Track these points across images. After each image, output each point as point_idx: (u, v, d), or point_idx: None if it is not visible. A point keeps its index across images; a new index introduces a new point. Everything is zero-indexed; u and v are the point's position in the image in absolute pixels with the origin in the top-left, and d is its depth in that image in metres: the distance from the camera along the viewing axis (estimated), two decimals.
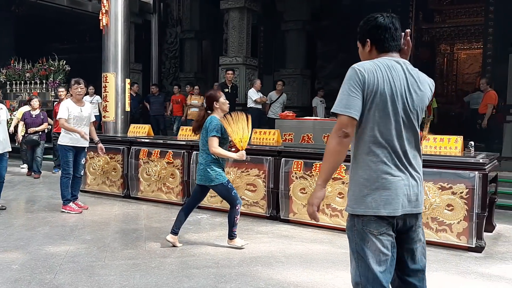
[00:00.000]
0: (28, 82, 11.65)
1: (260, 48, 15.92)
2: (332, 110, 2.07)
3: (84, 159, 6.05)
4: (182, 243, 4.57)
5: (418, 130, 2.10)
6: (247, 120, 4.22)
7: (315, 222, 5.11)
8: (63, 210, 5.80)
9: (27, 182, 8.16)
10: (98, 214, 5.82)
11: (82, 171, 6.12)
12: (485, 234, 4.56)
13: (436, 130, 7.04)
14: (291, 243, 4.66)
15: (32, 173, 8.74)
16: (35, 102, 8.96)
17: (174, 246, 4.42)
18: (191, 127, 7.51)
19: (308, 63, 13.80)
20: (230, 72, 10.18)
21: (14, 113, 10.30)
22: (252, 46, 11.65)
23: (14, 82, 11.44)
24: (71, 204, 5.85)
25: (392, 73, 2.05)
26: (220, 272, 3.79)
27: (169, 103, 12.94)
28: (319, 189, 2.08)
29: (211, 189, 4.45)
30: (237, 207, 4.34)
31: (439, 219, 4.50)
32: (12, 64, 12.07)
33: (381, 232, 2.02)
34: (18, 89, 11.33)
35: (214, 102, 4.34)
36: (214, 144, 4.18)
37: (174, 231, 4.45)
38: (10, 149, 5.98)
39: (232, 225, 4.40)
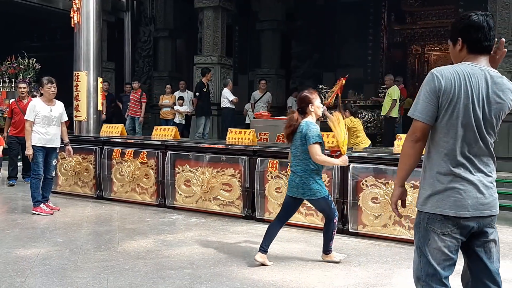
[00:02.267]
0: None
1: (235, 47, 15.90)
2: (408, 114, 2.15)
3: (55, 160, 5.92)
4: (156, 244, 4.53)
5: (494, 137, 2.11)
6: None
7: (290, 221, 5.15)
8: (34, 212, 5.65)
9: None
10: (70, 215, 5.70)
11: (54, 172, 5.98)
12: None
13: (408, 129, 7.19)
14: None
15: None
16: None
17: (263, 265, 3.94)
18: (166, 127, 7.52)
19: (283, 63, 13.87)
20: (209, 73, 10.29)
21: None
22: (227, 46, 11.62)
23: None
24: (42, 205, 5.71)
25: (471, 80, 2.04)
26: (195, 272, 3.77)
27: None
28: (395, 188, 2.23)
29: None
30: (334, 220, 3.97)
31: (411, 216, 4.59)
32: None
33: (445, 232, 2.06)
34: None
35: (309, 105, 3.89)
36: (318, 152, 3.74)
37: (264, 249, 3.97)
38: None
39: (329, 239, 4.04)
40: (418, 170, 2.25)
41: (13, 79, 11.10)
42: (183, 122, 11.59)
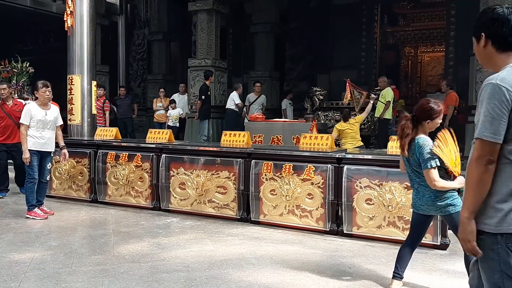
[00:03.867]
0: None
1: (229, 50, 15.94)
2: (476, 136, 1.85)
3: (50, 163, 5.90)
4: (151, 247, 4.53)
5: None
6: (453, 136, 3.24)
7: (285, 223, 5.20)
8: (28, 216, 5.63)
9: None
10: (65, 219, 5.68)
11: (48, 176, 5.96)
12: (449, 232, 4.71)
13: None
14: (262, 244, 4.68)
15: None
16: None
17: None
18: (160, 130, 7.52)
19: (277, 65, 13.92)
20: (212, 77, 10.33)
21: None
22: (221, 48, 11.67)
23: None
24: (36, 209, 5.69)
25: None
26: (190, 275, 3.77)
27: (137, 105, 12.82)
28: (468, 223, 1.89)
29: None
30: None
31: (405, 217, 4.61)
32: None
33: None
34: None
35: (428, 121, 3.33)
36: (436, 178, 3.20)
37: (399, 275, 3.48)
38: None
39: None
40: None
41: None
42: (177, 125, 11.60)
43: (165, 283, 3.60)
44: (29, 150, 5.56)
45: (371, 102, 8.19)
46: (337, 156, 5.09)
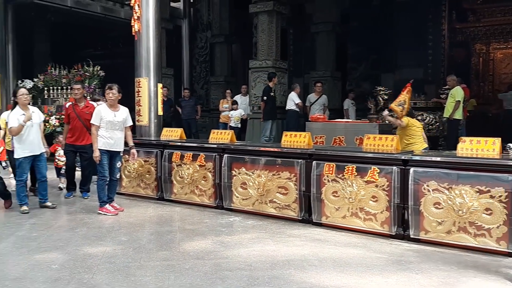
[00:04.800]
0: (64, 87, 11.99)
1: (289, 50, 15.93)
2: None
3: (119, 162, 6.19)
4: (215, 245, 4.62)
5: None
6: None
7: (348, 226, 5.11)
8: (100, 212, 5.95)
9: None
10: (134, 216, 5.93)
11: (118, 174, 6.25)
12: None
13: (473, 132, 6.87)
14: (324, 246, 4.63)
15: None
16: None
17: None
18: (222, 130, 7.65)
19: (339, 65, 13.72)
20: (275, 79, 10.42)
21: (52, 117, 10.63)
22: (281, 49, 11.68)
23: (51, 87, 11.79)
24: (107, 206, 5.99)
25: None
26: (253, 274, 3.81)
27: (200, 106, 13.14)
28: None
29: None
30: None
31: (477, 223, 4.38)
32: (49, 70, 12.46)
33: None
34: (55, 95, 11.67)
35: None
36: None
37: None
38: (44, 150, 6.22)
39: None
40: (479, 174, 2.12)
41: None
42: (239, 126, 11.76)
43: (228, 281, 3.65)
44: (99, 149, 5.86)
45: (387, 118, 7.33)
46: (403, 157, 4.92)
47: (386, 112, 6.73)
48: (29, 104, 6.19)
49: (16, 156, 6.02)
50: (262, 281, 3.67)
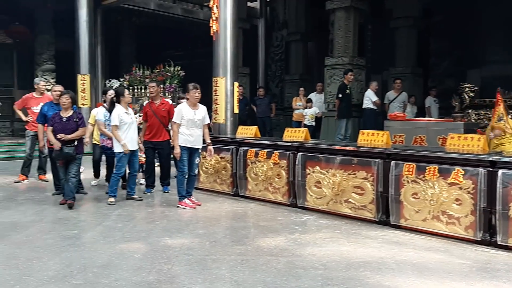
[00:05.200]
0: (147, 87, 12.63)
1: (367, 47, 15.51)
2: None
3: (198, 159, 6.39)
4: (288, 242, 4.62)
5: None
6: None
7: (429, 229, 4.88)
8: (179, 205, 6.19)
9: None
10: (210, 210, 6.11)
11: (196, 170, 6.45)
12: None
13: None
14: (402, 249, 4.46)
15: (66, 201, 6.11)
16: (64, 99, 6.18)
17: None
18: (296, 129, 7.63)
19: (420, 61, 13.12)
20: (351, 73, 10.09)
21: (136, 115, 11.20)
22: (359, 46, 11.40)
23: (135, 87, 12.47)
24: (186, 200, 6.22)
25: None
26: (327, 274, 3.76)
27: (275, 105, 13.22)
28: None
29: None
30: None
31: None
32: (133, 71, 13.19)
33: None
34: (139, 94, 12.33)
35: None
36: None
37: None
38: (137, 147, 6.60)
39: None
40: None
41: (161, 86, 12.29)
42: (314, 124, 11.66)
43: (302, 279, 3.64)
44: (179, 146, 6.09)
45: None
46: (490, 159, 4.60)
47: (491, 134, 6.29)
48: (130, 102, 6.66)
49: (117, 150, 6.41)
50: (336, 281, 3.61)
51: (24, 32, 15.36)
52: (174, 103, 8.22)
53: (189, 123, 6.10)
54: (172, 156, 6.71)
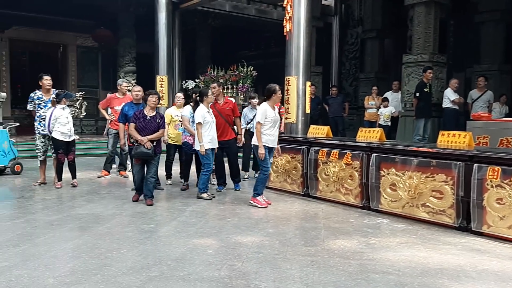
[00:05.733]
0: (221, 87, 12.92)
1: (449, 43, 14.72)
2: None
3: (272, 158, 6.42)
4: (360, 245, 4.50)
5: None
6: None
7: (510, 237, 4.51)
8: (252, 202, 6.23)
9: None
10: (280, 210, 6.11)
11: (270, 169, 6.43)
12: None
13: None
14: (484, 258, 4.17)
15: (145, 200, 6.31)
16: (155, 98, 6.31)
17: None
18: (371, 129, 7.41)
19: (508, 57, 12.22)
20: (430, 71, 9.62)
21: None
22: (439, 42, 10.82)
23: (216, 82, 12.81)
24: (259, 198, 6.23)
25: None
26: (401, 280, 3.61)
27: (348, 104, 12.94)
28: None
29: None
30: None
31: None
32: (208, 72, 13.56)
33: None
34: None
35: None
36: None
37: None
38: (216, 145, 6.76)
39: None
40: None
41: (234, 86, 12.52)
42: (389, 124, 11.28)
43: (374, 284, 3.53)
44: (264, 146, 6.04)
45: None
46: None
47: None
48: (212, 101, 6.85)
49: (197, 148, 6.59)
50: (411, 287, 3.46)
51: (108, 36, 16.37)
52: (255, 101, 8.31)
53: (272, 123, 6.08)
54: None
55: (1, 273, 3.59)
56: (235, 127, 7.53)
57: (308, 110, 9.19)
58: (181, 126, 7.48)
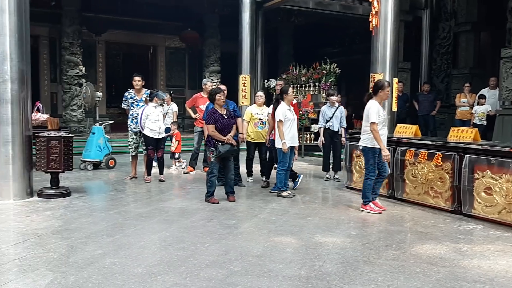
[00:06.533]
0: (303, 85, 12.87)
1: None
2: None
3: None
4: (450, 252, 4.22)
5: None
6: None
7: None
8: (363, 209, 5.82)
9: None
10: (364, 211, 5.92)
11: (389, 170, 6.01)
12: None
13: None
14: None
15: (228, 196, 6.38)
16: (223, 96, 6.43)
17: None
18: (464, 128, 6.93)
19: None
20: None
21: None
22: None
23: (291, 85, 12.81)
24: (371, 204, 5.83)
25: None
26: None
27: (440, 102, 12.24)
28: None
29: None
30: None
31: None
32: (290, 70, 13.57)
33: None
34: (294, 92, 12.63)
35: None
36: None
37: None
38: (297, 144, 6.74)
39: None
40: None
41: (316, 84, 12.40)
42: (485, 123, 10.50)
43: None
44: (373, 148, 5.64)
45: None
46: None
47: None
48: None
49: (278, 146, 6.64)
50: None
51: (195, 37, 17.00)
52: (334, 98, 8.15)
53: (383, 123, 5.71)
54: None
55: (96, 260, 3.86)
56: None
57: (394, 108, 8.83)
58: (260, 124, 7.54)
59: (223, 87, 7.43)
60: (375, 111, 5.57)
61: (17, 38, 6.07)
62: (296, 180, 7.34)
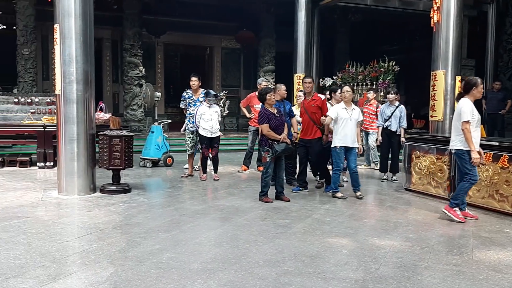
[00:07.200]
0: (360, 83, 12.61)
1: None
2: None
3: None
4: (500, 258, 3.98)
5: None
6: None
7: None
8: (445, 211, 5.42)
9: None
10: (423, 214, 5.71)
11: None
12: None
13: None
14: None
15: (281, 197, 6.38)
16: (273, 97, 6.42)
17: None
18: None
19: None
20: None
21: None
22: None
23: (347, 84, 12.58)
24: (456, 209, 5.40)
25: None
26: None
27: (510, 101, 11.58)
28: None
29: None
30: None
31: None
32: (346, 68, 13.33)
33: None
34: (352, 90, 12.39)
35: None
36: None
37: None
38: (356, 145, 6.56)
39: None
40: None
41: (374, 82, 12.10)
42: None
43: None
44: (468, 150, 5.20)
45: None
46: None
47: None
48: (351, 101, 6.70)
49: (331, 144, 6.63)
50: None
51: (250, 37, 17.11)
52: (392, 96, 7.92)
53: (477, 123, 5.26)
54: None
55: (154, 255, 3.98)
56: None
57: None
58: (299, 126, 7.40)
59: (283, 87, 7.36)
60: (469, 110, 5.15)
61: (82, 41, 6.39)
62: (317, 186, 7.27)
